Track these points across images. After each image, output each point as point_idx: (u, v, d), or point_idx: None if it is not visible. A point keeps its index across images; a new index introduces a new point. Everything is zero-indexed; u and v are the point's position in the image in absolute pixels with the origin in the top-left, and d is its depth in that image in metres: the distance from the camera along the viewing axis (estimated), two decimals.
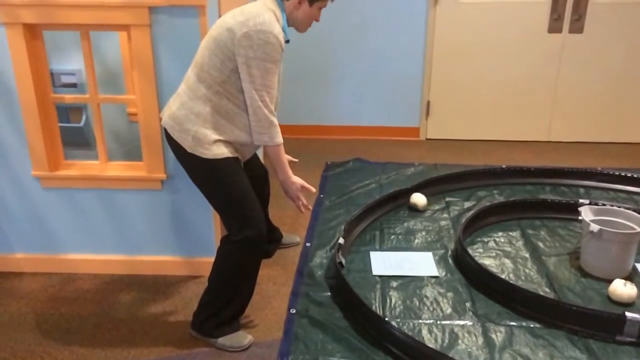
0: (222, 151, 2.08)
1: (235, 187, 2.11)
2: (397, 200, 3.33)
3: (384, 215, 3.21)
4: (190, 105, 2.06)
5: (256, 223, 2.12)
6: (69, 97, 2.61)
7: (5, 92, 2.44)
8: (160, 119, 2.20)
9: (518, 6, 4.17)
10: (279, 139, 2.11)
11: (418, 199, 3.28)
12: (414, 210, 3.28)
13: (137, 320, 2.40)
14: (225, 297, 2.21)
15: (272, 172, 2.45)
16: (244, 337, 2.23)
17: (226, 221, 2.17)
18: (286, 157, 2.24)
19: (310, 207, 2.37)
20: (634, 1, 4.22)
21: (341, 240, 2.75)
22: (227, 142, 2.10)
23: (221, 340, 2.21)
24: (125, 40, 2.83)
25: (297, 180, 2.26)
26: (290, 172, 2.23)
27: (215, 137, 2.06)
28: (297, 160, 2.56)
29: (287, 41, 2.10)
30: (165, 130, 2.15)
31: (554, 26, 4.15)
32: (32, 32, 2.37)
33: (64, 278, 2.69)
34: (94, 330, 2.34)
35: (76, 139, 3.12)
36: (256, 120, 2.04)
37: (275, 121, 2.08)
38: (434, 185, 3.47)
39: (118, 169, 2.60)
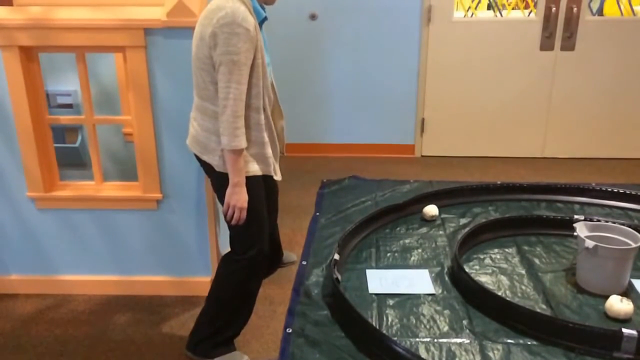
0: (250, 169, 2.06)
1: (252, 208, 2.08)
2: (390, 215, 3.35)
3: (378, 229, 3.22)
4: (207, 127, 2.04)
5: (260, 244, 2.13)
6: (65, 119, 2.63)
7: (1, 114, 2.45)
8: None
9: (510, 25, 4.22)
10: (239, 143, 1.94)
11: (430, 209, 3.36)
12: (426, 220, 3.36)
13: (132, 341, 2.38)
14: (224, 318, 2.19)
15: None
16: (240, 357, 2.22)
17: (234, 239, 2.16)
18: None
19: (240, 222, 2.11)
20: (624, 19, 4.28)
21: (336, 256, 2.75)
22: (252, 155, 2.06)
23: None
24: (121, 61, 2.85)
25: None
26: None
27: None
28: None
29: (264, 19, 2.06)
30: (194, 153, 2.15)
31: (546, 44, 4.19)
32: (28, 54, 2.39)
33: (59, 299, 2.67)
34: (88, 352, 2.31)
35: (72, 159, 3.12)
36: (220, 120, 1.93)
37: (240, 122, 1.93)
38: (429, 201, 3.47)
39: (113, 189, 2.60)
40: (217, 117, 1.98)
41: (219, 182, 2.11)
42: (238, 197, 2.02)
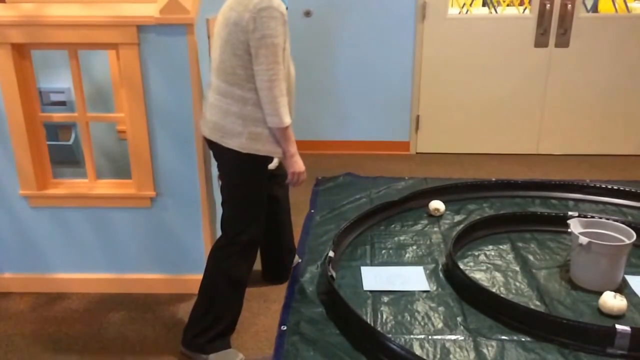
0: (263, 148, 2.08)
1: (254, 189, 2.14)
2: (385, 212, 3.35)
3: (373, 226, 3.22)
4: (233, 111, 2.05)
5: (254, 230, 2.16)
6: (57, 116, 2.61)
7: None
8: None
9: (505, 21, 4.23)
10: (287, 119, 2.04)
11: (435, 204, 3.37)
12: (432, 215, 3.38)
13: (127, 339, 2.37)
14: (216, 308, 2.19)
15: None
16: (235, 355, 2.21)
17: (229, 220, 2.18)
18: None
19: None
20: (618, 15, 4.29)
21: (331, 254, 2.75)
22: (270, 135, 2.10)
23: (212, 356, 2.19)
24: (114, 58, 2.83)
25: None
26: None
27: (268, 131, 2.07)
28: None
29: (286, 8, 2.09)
30: (210, 140, 2.15)
31: (540, 41, 4.20)
32: (21, 51, 2.37)
33: (53, 298, 2.66)
34: (82, 350, 2.31)
35: (65, 157, 3.11)
36: (267, 102, 1.99)
37: (285, 100, 2.02)
38: (423, 198, 3.48)
39: (107, 187, 2.59)
40: (245, 102, 2.02)
41: (240, 163, 2.11)
42: (298, 165, 2.17)
